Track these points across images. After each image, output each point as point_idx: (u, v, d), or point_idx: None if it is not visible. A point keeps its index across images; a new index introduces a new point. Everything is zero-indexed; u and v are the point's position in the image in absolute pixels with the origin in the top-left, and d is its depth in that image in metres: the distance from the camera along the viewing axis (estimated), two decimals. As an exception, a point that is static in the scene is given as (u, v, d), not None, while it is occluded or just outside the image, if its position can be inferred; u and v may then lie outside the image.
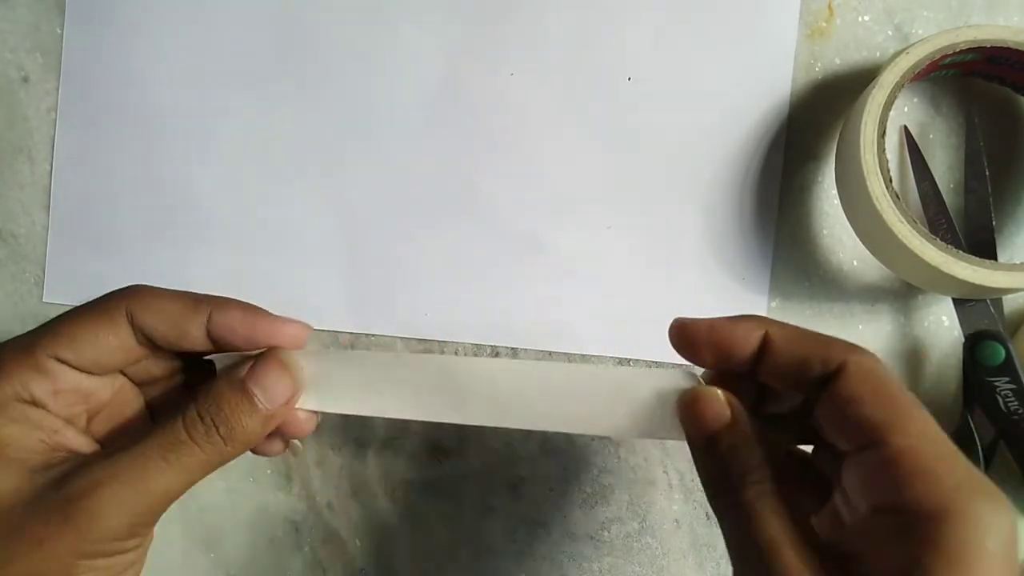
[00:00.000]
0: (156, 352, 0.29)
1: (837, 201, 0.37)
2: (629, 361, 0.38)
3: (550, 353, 0.38)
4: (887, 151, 0.33)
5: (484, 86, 0.38)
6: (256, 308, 0.29)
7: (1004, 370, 0.35)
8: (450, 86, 0.39)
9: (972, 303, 0.35)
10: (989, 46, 0.33)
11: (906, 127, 0.37)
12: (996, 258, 0.35)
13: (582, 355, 0.38)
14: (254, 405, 0.27)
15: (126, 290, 0.28)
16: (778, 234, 0.38)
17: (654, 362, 0.38)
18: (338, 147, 0.39)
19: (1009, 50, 0.34)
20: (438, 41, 0.39)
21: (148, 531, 0.26)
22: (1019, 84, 0.36)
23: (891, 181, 0.33)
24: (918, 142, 0.37)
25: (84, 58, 0.39)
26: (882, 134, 0.33)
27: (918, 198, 0.37)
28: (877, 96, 0.33)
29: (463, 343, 0.39)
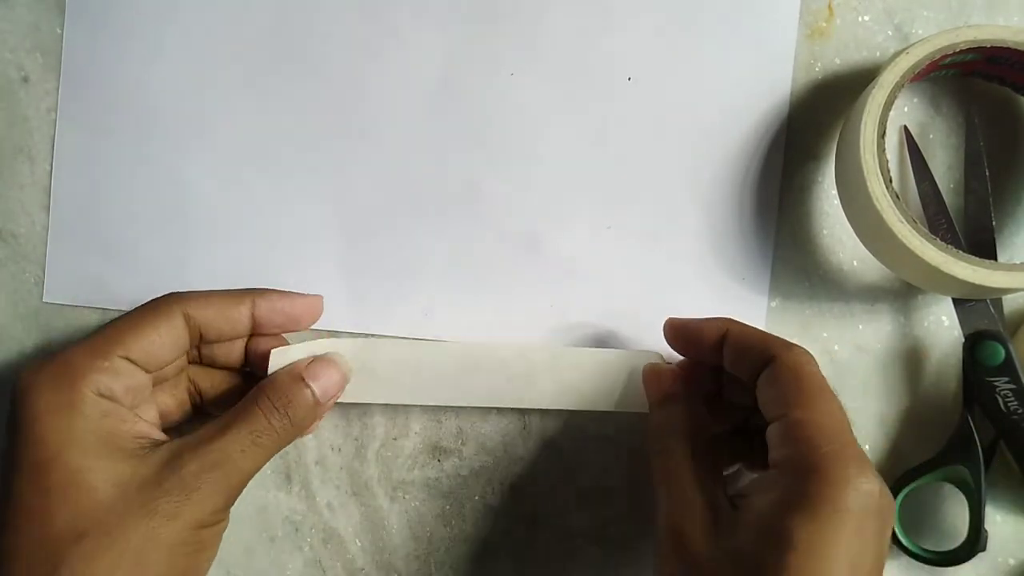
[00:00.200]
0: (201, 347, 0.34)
1: (837, 201, 0.37)
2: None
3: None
4: (887, 151, 0.33)
5: (484, 86, 0.38)
6: (286, 291, 0.35)
7: (1004, 370, 0.35)
8: (450, 86, 0.39)
9: (972, 303, 0.36)
10: (989, 46, 0.34)
11: (906, 127, 0.37)
12: (996, 258, 0.36)
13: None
14: (312, 395, 0.32)
15: (176, 294, 0.33)
16: (778, 234, 0.38)
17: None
18: (338, 147, 0.39)
19: (1009, 50, 0.34)
20: (438, 41, 0.39)
21: (232, 505, 0.32)
22: (1019, 84, 0.36)
23: (891, 181, 0.33)
24: (918, 142, 0.37)
25: (84, 58, 0.39)
26: (882, 134, 0.33)
27: (918, 198, 0.37)
28: (877, 96, 0.33)
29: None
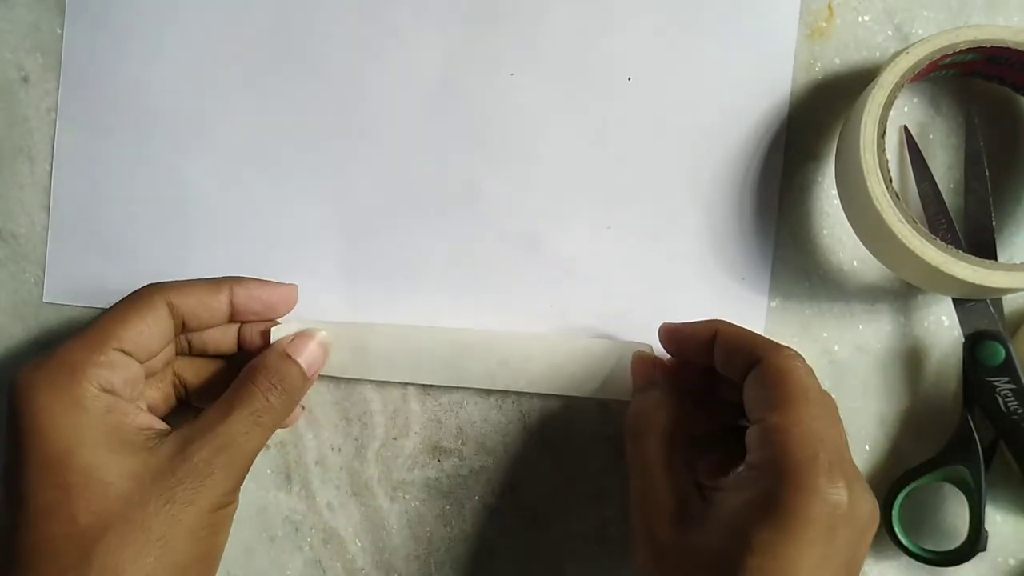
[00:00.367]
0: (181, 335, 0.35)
1: (837, 201, 0.37)
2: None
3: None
4: (887, 151, 0.33)
5: (484, 86, 0.38)
6: (264, 280, 0.35)
7: (1004, 370, 0.35)
8: (450, 86, 0.39)
9: (972, 303, 0.35)
10: (989, 46, 0.33)
11: (906, 127, 0.37)
12: (996, 258, 0.35)
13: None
14: (300, 369, 0.34)
15: (157, 284, 0.33)
16: (778, 234, 0.38)
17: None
18: (338, 147, 0.39)
19: (1009, 50, 0.34)
20: (438, 41, 0.39)
21: (241, 485, 0.32)
22: (1019, 84, 0.36)
23: (891, 181, 0.33)
24: (918, 142, 0.37)
25: (84, 58, 0.39)
26: (882, 134, 0.33)
27: (918, 198, 0.37)
28: (877, 96, 0.33)
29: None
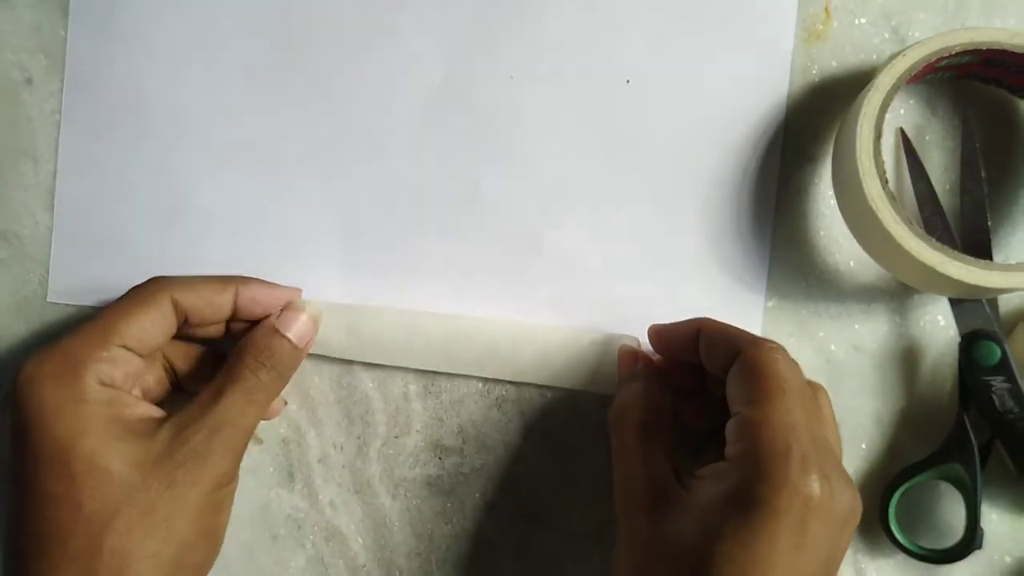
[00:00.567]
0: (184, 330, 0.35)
1: (833, 202, 0.37)
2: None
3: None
4: (883, 153, 0.33)
5: (484, 88, 0.39)
6: (268, 282, 0.36)
7: (999, 370, 0.35)
8: (450, 88, 0.39)
9: (968, 303, 0.36)
10: (985, 48, 0.34)
11: (902, 129, 0.38)
12: (991, 258, 0.36)
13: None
14: (289, 343, 0.34)
15: (163, 279, 0.34)
16: (775, 235, 0.38)
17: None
18: (339, 148, 0.39)
19: (1005, 52, 0.34)
20: (438, 43, 0.39)
21: (240, 462, 0.33)
22: (1015, 86, 0.36)
23: (887, 182, 0.33)
24: (914, 144, 0.37)
25: (88, 60, 0.39)
26: (878, 136, 0.33)
27: (914, 199, 0.37)
28: (873, 98, 0.33)
29: (463, 343, 0.39)
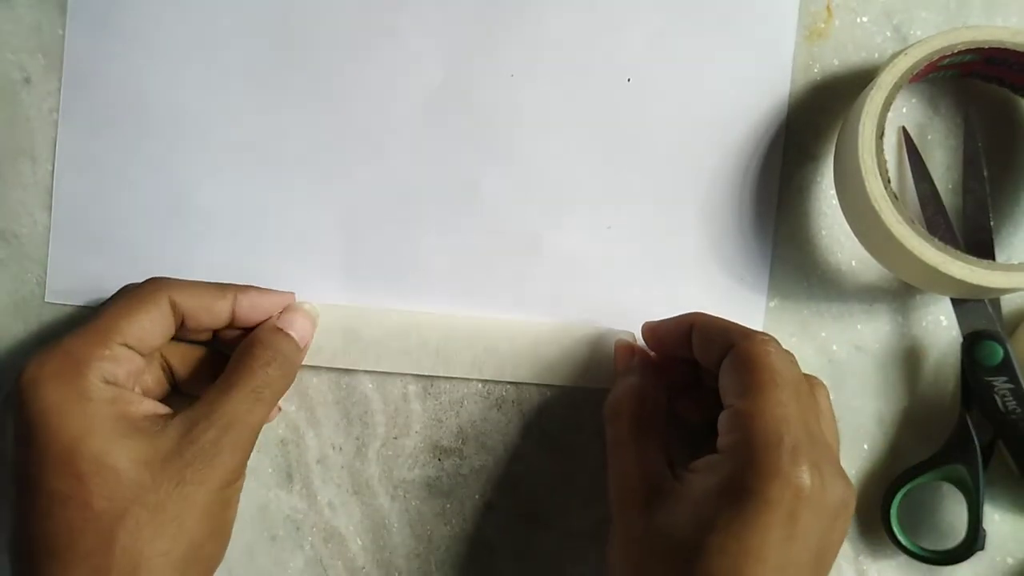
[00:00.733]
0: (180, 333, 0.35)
1: (835, 201, 0.37)
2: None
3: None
4: (885, 152, 0.33)
5: (484, 87, 0.39)
6: (265, 289, 0.36)
7: (1002, 370, 0.35)
8: (450, 88, 0.39)
9: (970, 303, 0.36)
10: (987, 47, 0.34)
11: (904, 128, 0.38)
12: (994, 258, 0.36)
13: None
14: (293, 341, 0.35)
15: (162, 280, 0.34)
16: (777, 234, 0.38)
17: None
18: (339, 147, 0.39)
19: (1007, 51, 0.34)
20: (438, 43, 0.39)
21: (248, 459, 0.33)
22: (1017, 85, 0.36)
23: (889, 182, 0.33)
24: (916, 143, 0.37)
25: (86, 59, 0.39)
26: (880, 135, 0.33)
27: (916, 198, 0.37)
28: (875, 97, 0.33)
29: (463, 343, 0.39)
